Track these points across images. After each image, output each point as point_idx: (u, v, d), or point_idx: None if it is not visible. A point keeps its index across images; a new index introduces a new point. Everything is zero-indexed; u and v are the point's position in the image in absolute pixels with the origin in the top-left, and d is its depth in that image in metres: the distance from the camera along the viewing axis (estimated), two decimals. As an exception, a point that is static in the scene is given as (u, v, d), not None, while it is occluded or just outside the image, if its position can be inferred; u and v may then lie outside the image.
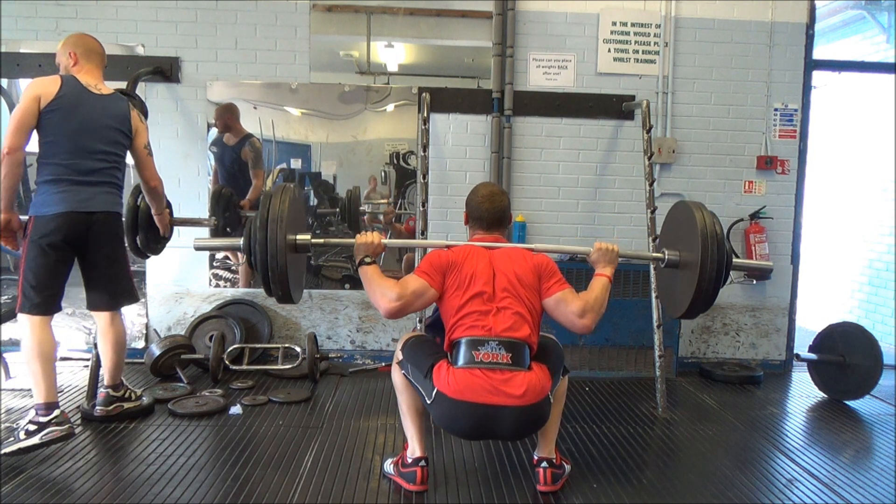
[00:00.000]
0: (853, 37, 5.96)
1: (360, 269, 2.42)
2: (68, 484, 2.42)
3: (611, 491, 2.49)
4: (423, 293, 2.35)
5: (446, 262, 2.39)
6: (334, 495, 2.39)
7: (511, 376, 2.24)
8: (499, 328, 2.28)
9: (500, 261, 2.40)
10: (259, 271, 2.34)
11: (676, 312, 2.65)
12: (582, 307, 2.35)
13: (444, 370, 2.29)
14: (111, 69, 3.95)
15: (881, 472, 2.79)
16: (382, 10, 4.09)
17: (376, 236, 2.45)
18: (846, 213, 6.14)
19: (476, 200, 2.54)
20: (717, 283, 2.39)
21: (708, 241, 2.36)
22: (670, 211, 2.69)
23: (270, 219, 2.30)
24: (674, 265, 2.57)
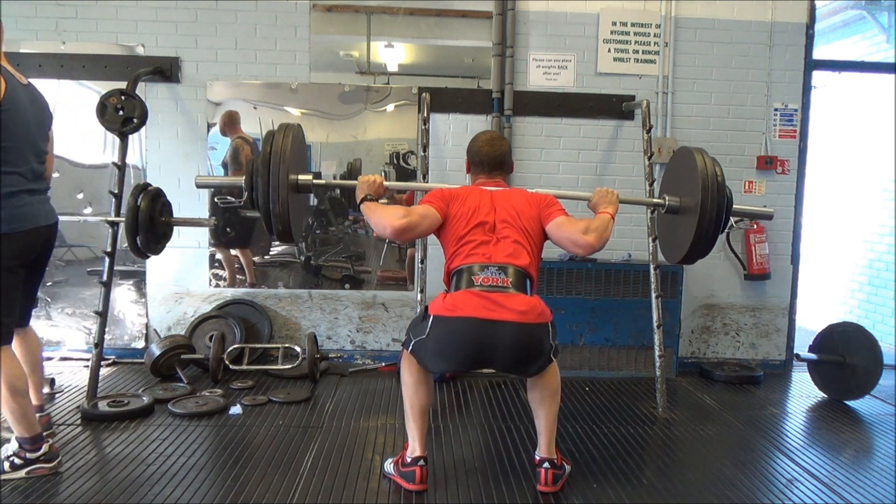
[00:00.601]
0: (853, 37, 5.96)
1: (362, 206, 2.46)
2: (68, 484, 2.41)
3: (611, 491, 2.49)
4: (428, 216, 2.39)
5: (450, 195, 2.46)
6: (334, 495, 2.39)
7: (512, 295, 2.26)
8: (499, 256, 2.32)
9: (501, 199, 2.46)
10: (260, 210, 2.32)
11: (675, 258, 2.66)
12: (585, 226, 2.38)
13: (439, 300, 2.33)
14: (111, 69, 3.99)
15: (881, 472, 2.79)
16: (382, 10, 4.09)
17: (378, 177, 2.51)
18: (846, 213, 6.14)
19: (476, 146, 2.61)
20: (717, 227, 2.40)
21: (708, 184, 2.36)
22: (672, 157, 2.71)
23: (273, 157, 2.27)
24: (674, 210, 2.57)
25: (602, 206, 2.53)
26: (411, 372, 2.45)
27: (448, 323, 2.26)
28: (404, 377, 2.48)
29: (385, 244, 4.24)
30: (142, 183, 3.42)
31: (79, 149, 4.09)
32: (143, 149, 4.07)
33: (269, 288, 4.19)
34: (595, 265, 4.01)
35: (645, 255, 3.78)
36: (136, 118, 3.39)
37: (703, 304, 4.34)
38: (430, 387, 2.49)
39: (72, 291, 4.14)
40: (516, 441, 2.94)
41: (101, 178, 4.09)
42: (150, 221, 3.21)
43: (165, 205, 3.41)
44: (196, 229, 4.06)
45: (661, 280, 3.59)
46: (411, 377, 2.45)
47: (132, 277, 4.14)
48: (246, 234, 4.20)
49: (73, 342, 4.13)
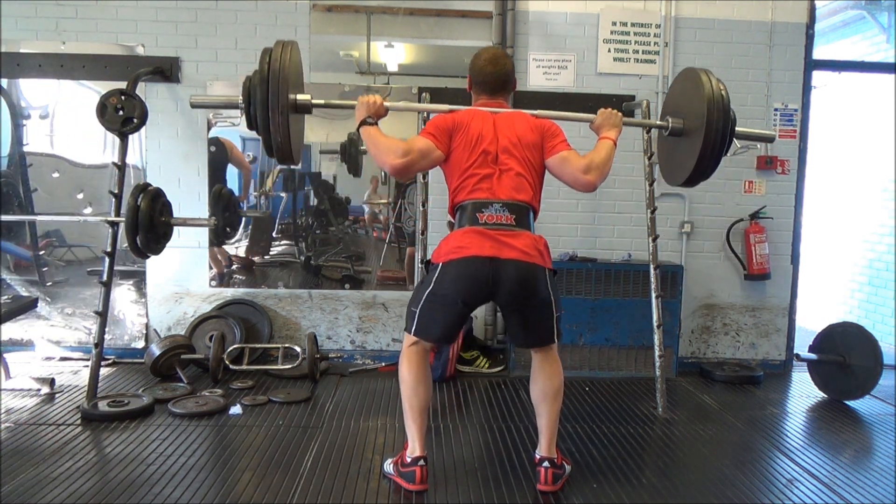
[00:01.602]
0: (853, 37, 5.96)
1: (361, 130, 2.41)
2: (68, 484, 2.41)
3: (611, 491, 2.49)
4: (429, 153, 2.36)
5: (452, 124, 2.41)
6: (334, 495, 2.39)
7: (516, 233, 2.30)
8: (503, 192, 2.32)
9: (504, 124, 2.43)
10: (259, 127, 2.28)
11: (678, 180, 2.64)
12: (587, 164, 2.37)
13: (443, 246, 2.35)
14: (111, 69, 3.99)
15: (881, 472, 2.79)
16: (382, 10, 4.09)
17: (378, 98, 2.45)
18: (846, 213, 6.14)
19: (479, 64, 2.55)
20: (721, 147, 2.38)
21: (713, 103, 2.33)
22: (676, 79, 2.68)
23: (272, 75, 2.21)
24: (678, 133, 2.54)
25: (605, 128, 2.53)
26: (411, 370, 2.44)
27: (457, 264, 2.29)
28: (403, 376, 2.46)
29: (385, 244, 4.24)
30: (142, 183, 3.43)
31: (79, 149, 4.10)
32: (143, 149, 4.07)
33: (269, 288, 4.19)
34: (595, 265, 4.01)
35: (645, 255, 3.77)
36: (136, 118, 3.39)
37: (703, 304, 4.34)
38: (430, 386, 2.48)
39: (72, 291, 4.14)
40: (516, 441, 2.94)
41: (101, 178, 4.09)
42: (150, 221, 3.21)
43: (165, 205, 3.42)
44: (196, 229, 4.05)
45: (661, 280, 3.58)
46: (411, 375, 2.43)
47: (132, 277, 4.14)
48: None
49: (73, 342, 4.13)
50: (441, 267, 2.34)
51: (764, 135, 3.03)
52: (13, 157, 4.08)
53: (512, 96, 2.64)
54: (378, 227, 4.26)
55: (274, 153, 2.34)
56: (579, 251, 4.16)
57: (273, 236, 4.24)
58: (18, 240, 4.17)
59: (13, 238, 4.15)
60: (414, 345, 2.45)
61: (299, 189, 4.20)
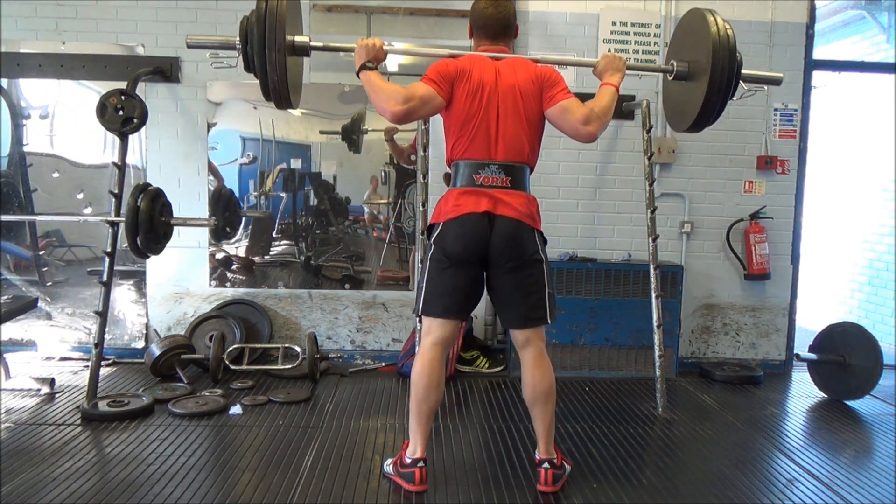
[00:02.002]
0: (853, 37, 5.96)
1: (361, 74, 2.38)
2: (68, 484, 2.42)
3: (611, 491, 2.49)
4: (430, 100, 2.33)
5: (455, 70, 2.36)
6: (334, 495, 2.39)
7: (509, 192, 2.33)
8: (500, 152, 2.33)
9: (505, 72, 2.39)
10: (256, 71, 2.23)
11: (683, 125, 2.60)
12: (587, 115, 2.33)
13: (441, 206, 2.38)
14: (111, 69, 3.98)
15: (881, 472, 2.79)
16: (382, 10, 4.09)
17: (378, 41, 2.41)
18: (846, 213, 6.14)
19: (479, 7, 2.51)
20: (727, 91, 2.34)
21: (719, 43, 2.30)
22: (681, 21, 2.62)
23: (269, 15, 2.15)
24: (683, 76, 2.50)
25: (608, 73, 2.48)
26: (425, 373, 2.35)
27: (455, 222, 2.31)
28: (417, 378, 2.37)
29: (385, 244, 4.24)
30: (142, 183, 3.43)
31: (79, 149, 4.10)
32: (143, 149, 4.07)
33: (269, 288, 4.19)
34: (595, 265, 4.01)
35: (645, 255, 3.77)
36: (136, 118, 3.39)
37: (703, 304, 4.34)
38: (442, 390, 2.42)
39: (72, 291, 4.14)
40: (516, 441, 2.94)
41: (101, 178, 4.09)
42: (150, 221, 3.22)
43: (165, 205, 3.42)
44: (196, 229, 4.06)
45: (661, 280, 3.58)
46: (424, 379, 2.35)
47: (132, 277, 4.14)
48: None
49: (73, 342, 4.13)
50: (442, 226, 2.36)
51: (771, 77, 2.93)
52: (13, 157, 4.08)
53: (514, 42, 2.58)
54: (378, 227, 4.26)
55: (271, 95, 2.29)
56: (579, 251, 4.15)
57: (273, 236, 4.24)
58: (18, 240, 4.17)
59: (13, 238, 4.15)
60: (432, 345, 2.38)
61: (299, 189, 4.20)
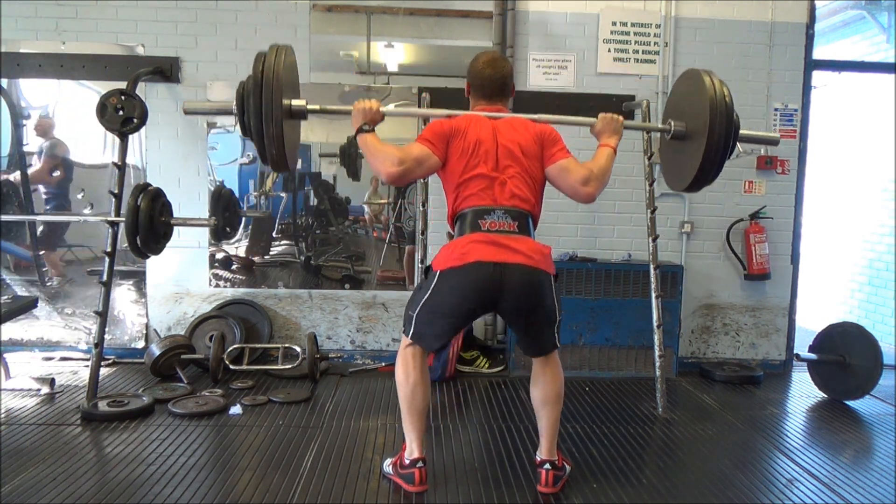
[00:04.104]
0: (853, 37, 5.96)
1: (358, 137, 2.38)
2: (68, 484, 2.41)
3: (611, 491, 2.49)
4: (426, 160, 2.32)
5: (449, 129, 2.36)
6: (334, 495, 2.39)
7: (518, 238, 2.26)
8: (504, 198, 2.29)
9: (504, 130, 2.38)
10: (252, 136, 2.26)
11: (681, 185, 2.60)
12: (586, 175, 2.33)
13: (444, 253, 2.30)
14: (111, 69, 3.98)
15: (881, 472, 2.79)
16: (382, 10, 4.09)
17: (375, 103, 2.40)
18: (846, 213, 6.14)
19: (477, 67, 2.50)
20: (724, 151, 2.34)
21: (717, 106, 2.31)
22: (678, 80, 2.64)
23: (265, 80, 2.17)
24: (680, 136, 2.51)
25: (605, 134, 2.48)
26: (408, 373, 2.41)
27: (459, 272, 2.24)
28: (400, 379, 2.43)
29: (385, 244, 4.24)
30: (142, 183, 3.43)
31: (79, 149, 4.10)
32: (143, 149, 4.07)
33: (269, 288, 4.19)
34: (595, 265, 4.01)
35: (645, 255, 3.77)
36: (136, 118, 3.39)
37: (703, 304, 4.34)
38: (428, 388, 2.46)
39: (72, 291, 4.14)
40: (516, 441, 2.94)
41: (101, 178, 4.09)
42: (150, 221, 3.21)
43: (165, 205, 3.42)
44: (196, 229, 4.05)
45: (661, 280, 3.58)
46: (408, 379, 2.40)
47: (132, 277, 4.14)
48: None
49: (73, 342, 4.13)
50: (440, 275, 2.28)
51: (768, 137, 2.99)
52: (13, 157, 4.08)
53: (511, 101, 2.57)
54: (378, 227, 4.26)
55: (268, 161, 2.32)
56: (579, 251, 4.15)
57: (273, 236, 4.24)
58: (18, 240, 4.17)
59: (13, 238, 4.15)
60: (411, 346, 2.43)
61: (299, 189, 4.20)
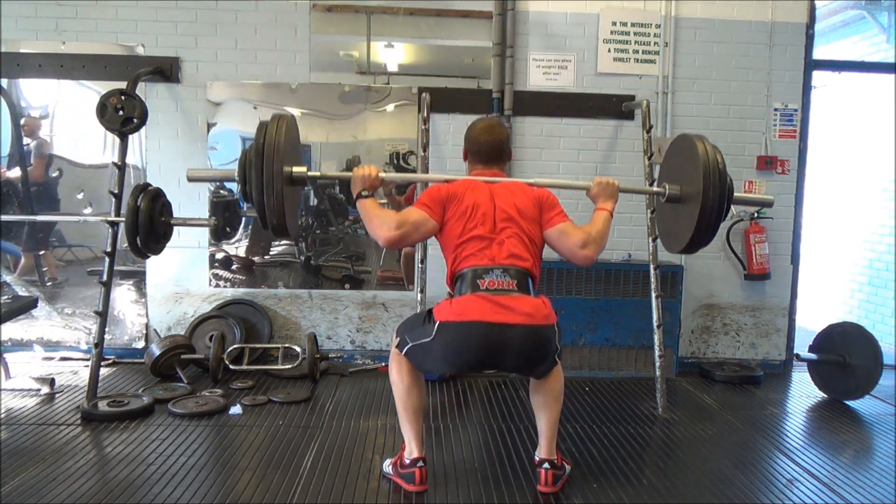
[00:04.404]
0: (853, 37, 5.96)
1: (357, 203, 2.41)
2: (68, 484, 2.41)
3: (611, 491, 2.49)
4: (423, 224, 2.35)
5: (446, 194, 2.39)
6: (334, 495, 2.39)
7: (518, 297, 2.25)
8: (502, 257, 2.29)
9: (501, 193, 2.40)
10: (254, 203, 2.30)
11: (676, 248, 2.63)
12: (584, 238, 2.35)
13: (445, 305, 2.29)
14: (111, 69, 3.99)
15: (881, 472, 2.79)
16: (382, 10, 4.09)
17: (374, 169, 2.43)
18: (846, 213, 6.14)
19: (474, 133, 2.54)
20: (718, 215, 2.37)
21: (710, 171, 2.33)
22: (671, 145, 2.66)
23: (266, 148, 2.23)
24: (675, 199, 2.53)
25: (601, 199, 2.49)
26: (402, 375, 2.42)
27: (457, 328, 2.24)
28: (395, 380, 2.45)
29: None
30: (142, 183, 3.43)
31: (79, 149, 4.10)
32: (143, 149, 4.07)
33: (269, 288, 4.19)
34: (595, 265, 3.98)
35: (645, 255, 3.78)
36: (136, 118, 3.39)
37: (703, 304, 4.33)
38: (423, 388, 2.48)
39: (72, 291, 4.14)
40: (516, 441, 2.94)
41: (101, 178, 4.09)
42: (150, 221, 3.21)
43: (165, 205, 3.42)
44: (196, 229, 4.05)
45: (661, 280, 3.59)
46: (402, 381, 2.42)
47: (132, 277, 4.14)
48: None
49: (73, 342, 4.13)
50: (439, 325, 2.27)
51: (762, 199, 3.10)
52: (13, 156, 4.08)
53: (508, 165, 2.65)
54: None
55: (269, 227, 2.36)
56: (579, 251, 4.15)
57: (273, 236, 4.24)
58: (18, 240, 4.16)
59: (13, 238, 4.15)
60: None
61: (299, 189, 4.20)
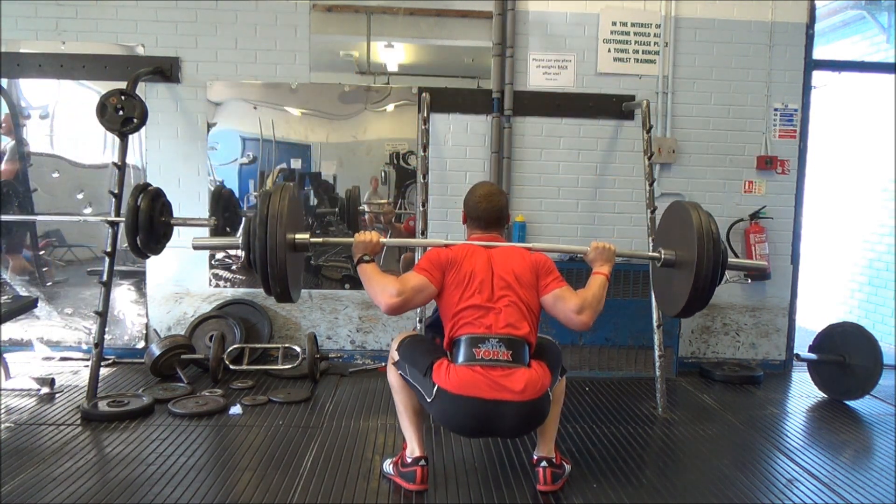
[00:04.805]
0: (853, 37, 5.96)
1: (358, 268, 2.43)
2: (68, 484, 2.42)
3: (611, 491, 2.49)
4: (423, 289, 2.36)
5: (445, 260, 2.40)
6: (334, 495, 2.39)
7: (511, 372, 2.25)
8: (499, 326, 2.30)
9: (499, 259, 2.42)
10: (258, 270, 2.35)
11: (673, 311, 2.67)
12: (580, 304, 2.36)
13: (444, 367, 2.30)
14: (111, 69, 3.99)
15: (881, 472, 2.79)
16: (382, 10, 4.09)
17: (375, 235, 2.46)
18: (846, 213, 6.14)
19: (474, 200, 2.56)
20: (712, 283, 2.41)
21: (704, 241, 2.37)
22: (666, 211, 2.70)
23: (270, 217, 2.31)
24: (670, 264, 2.58)
25: (598, 263, 2.53)
26: (398, 377, 2.46)
27: (454, 401, 2.26)
28: (393, 382, 2.49)
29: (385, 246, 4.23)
30: (142, 183, 3.42)
31: (79, 149, 4.09)
32: (143, 149, 4.07)
33: (269, 288, 4.19)
34: (595, 265, 4.00)
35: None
36: (136, 118, 3.39)
37: (703, 304, 4.33)
38: None
39: (72, 291, 4.14)
40: (516, 441, 2.93)
41: (101, 178, 4.08)
42: (150, 221, 3.21)
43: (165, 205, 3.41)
44: (196, 229, 4.05)
45: (661, 280, 3.58)
46: (400, 381, 2.46)
47: (132, 277, 4.14)
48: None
49: (73, 342, 4.13)
50: (437, 391, 2.28)
51: (755, 265, 3.19)
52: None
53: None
54: (379, 226, 4.26)
55: (273, 294, 2.40)
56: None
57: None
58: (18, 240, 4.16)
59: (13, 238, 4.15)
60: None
61: (299, 189, 4.20)
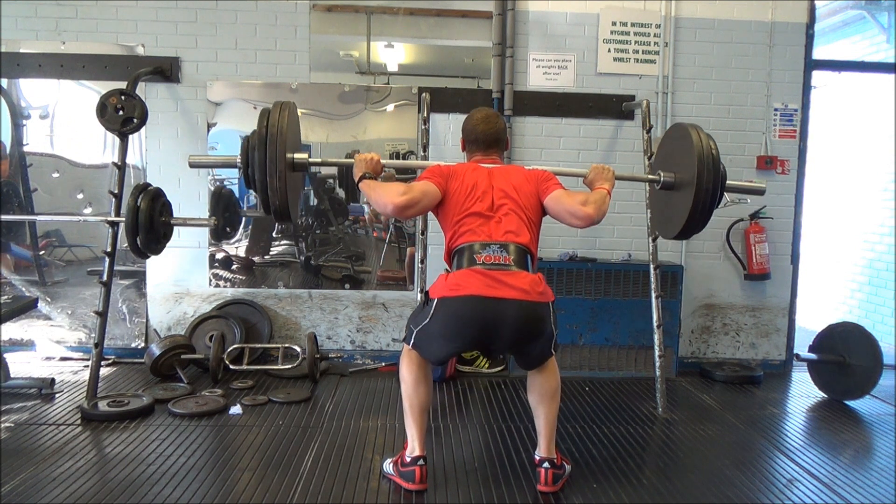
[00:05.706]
0: (853, 37, 5.96)
1: (361, 184, 2.47)
2: (68, 484, 2.41)
3: (611, 491, 2.49)
4: (428, 191, 2.40)
5: (448, 171, 2.46)
6: (334, 495, 2.39)
7: (513, 273, 2.27)
8: (500, 233, 2.33)
9: (499, 176, 2.46)
10: (257, 189, 2.34)
11: (671, 233, 2.69)
12: (584, 198, 2.38)
13: (440, 281, 2.33)
14: (111, 69, 3.99)
15: (881, 472, 2.79)
16: (382, 10, 4.09)
17: (375, 155, 2.51)
18: (846, 213, 6.14)
19: (472, 123, 2.61)
20: (712, 202, 2.42)
21: (703, 159, 2.38)
22: (665, 134, 2.71)
23: (269, 133, 2.28)
24: (669, 186, 2.59)
25: (598, 182, 2.54)
26: (411, 370, 2.45)
27: (452, 302, 2.27)
28: (404, 375, 2.47)
29: (385, 244, 4.24)
30: (142, 183, 3.43)
31: (79, 149, 4.10)
32: (143, 149, 4.07)
33: (269, 288, 4.19)
34: (595, 265, 4.01)
35: (645, 255, 3.78)
36: (136, 118, 3.40)
37: (703, 304, 4.33)
38: (430, 385, 2.49)
39: (72, 291, 4.14)
40: (516, 441, 2.93)
41: (101, 178, 4.09)
42: (150, 221, 3.22)
43: (165, 205, 3.42)
44: (196, 229, 4.06)
45: (661, 280, 3.59)
46: (411, 375, 2.45)
47: (132, 277, 4.14)
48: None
49: (73, 342, 4.13)
50: (437, 302, 2.31)
51: (754, 187, 3.09)
52: (13, 157, 4.08)
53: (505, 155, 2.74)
54: (378, 226, 4.26)
55: (271, 210, 2.41)
56: (579, 251, 4.16)
57: (273, 236, 4.24)
58: (18, 240, 4.17)
59: (13, 238, 4.15)
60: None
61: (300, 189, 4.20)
